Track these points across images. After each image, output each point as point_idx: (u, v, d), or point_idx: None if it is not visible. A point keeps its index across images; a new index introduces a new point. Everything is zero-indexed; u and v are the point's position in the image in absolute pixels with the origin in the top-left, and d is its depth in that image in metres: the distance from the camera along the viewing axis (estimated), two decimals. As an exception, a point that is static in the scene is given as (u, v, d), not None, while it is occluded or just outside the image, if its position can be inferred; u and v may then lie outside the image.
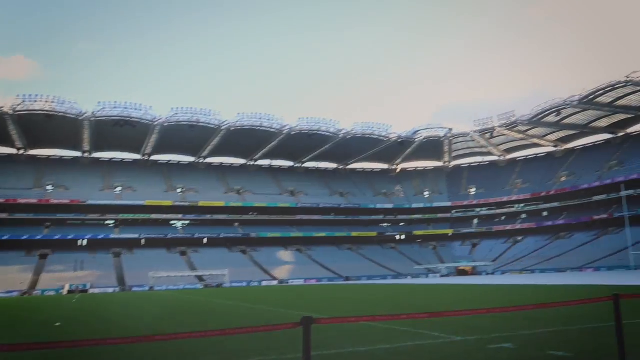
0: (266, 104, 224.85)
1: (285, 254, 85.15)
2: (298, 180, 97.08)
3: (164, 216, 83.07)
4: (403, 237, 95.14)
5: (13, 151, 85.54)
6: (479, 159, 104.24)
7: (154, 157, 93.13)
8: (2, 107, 71.03)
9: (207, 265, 72.73)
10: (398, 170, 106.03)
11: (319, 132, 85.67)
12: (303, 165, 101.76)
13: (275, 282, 72.69)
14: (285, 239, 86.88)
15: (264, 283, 71.84)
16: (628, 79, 66.32)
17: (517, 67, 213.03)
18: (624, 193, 68.05)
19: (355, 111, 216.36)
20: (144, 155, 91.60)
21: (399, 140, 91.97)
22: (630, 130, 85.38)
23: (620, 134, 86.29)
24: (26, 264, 69.88)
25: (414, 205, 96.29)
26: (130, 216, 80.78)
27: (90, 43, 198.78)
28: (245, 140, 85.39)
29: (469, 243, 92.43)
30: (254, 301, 28.64)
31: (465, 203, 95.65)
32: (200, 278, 71.19)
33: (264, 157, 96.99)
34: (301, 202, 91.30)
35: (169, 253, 79.49)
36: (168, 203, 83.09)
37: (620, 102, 73.90)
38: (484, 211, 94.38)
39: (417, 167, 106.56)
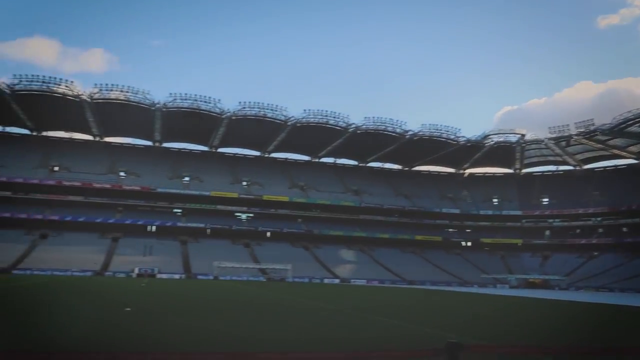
0: (331, 101, 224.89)
1: (347, 253, 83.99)
2: (362, 179, 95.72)
3: (229, 208, 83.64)
4: (469, 244, 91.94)
5: (89, 137, 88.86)
6: (552, 167, 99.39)
7: (221, 150, 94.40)
8: (81, 95, 73.67)
9: (269, 259, 72.62)
10: (466, 175, 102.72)
11: (385, 132, 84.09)
12: (367, 165, 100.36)
13: (337, 281, 71.67)
14: (348, 237, 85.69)
15: (326, 280, 70.94)
16: None
17: (590, 69, 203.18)
18: None
19: (419, 112, 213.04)
20: (211, 147, 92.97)
21: (468, 144, 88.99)
22: None
23: None
24: (99, 246, 72.19)
25: (482, 212, 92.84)
26: (197, 206, 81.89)
27: (164, 40, 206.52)
28: (311, 137, 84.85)
29: (539, 255, 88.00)
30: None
31: (536, 213, 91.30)
32: (263, 271, 71.13)
33: (328, 154, 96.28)
34: (365, 201, 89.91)
35: (233, 244, 79.97)
36: (233, 195, 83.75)
37: None
38: (557, 223, 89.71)
39: (485, 173, 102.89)
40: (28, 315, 14.30)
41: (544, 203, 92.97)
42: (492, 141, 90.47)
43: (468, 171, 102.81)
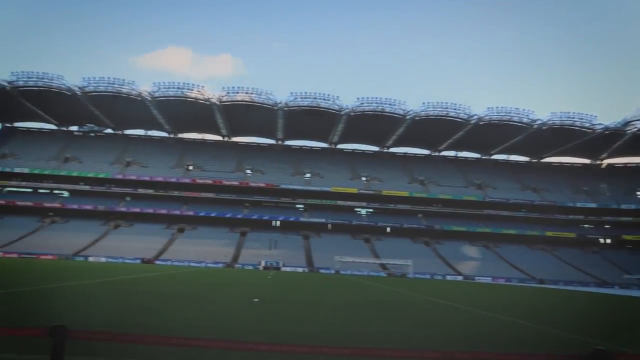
0: (450, 93, 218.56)
1: (470, 249, 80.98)
2: (486, 172, 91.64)
3: (349, 203, 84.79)
4: (609, 241, 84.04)
5: (219, 138, 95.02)
6: None
7: (340, 146, 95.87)
8: (211, 99, 78.96)
9: (389, 254, 72.32)
10: (603, 166, 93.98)
11: (510, 123, 79.70)
12: (491, 158, 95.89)
13: (459, 277, 69.44)
14: (471, 233, 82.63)
15: (448, 277, 69.04)
16: None
17: None
18: None
19: (548, 100, 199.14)
20: (330, 144, 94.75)
21: (606, 132, 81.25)
22: None
23: None
24: (229, 239, 77.09)
25: (624, 206, 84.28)
26: (318, 201, 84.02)
27: (284, 42, 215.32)
28: (430, 130, 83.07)
29: (695, 254, 78.08)
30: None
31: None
32: (383, 266, 71.04)
33: (449, 147, 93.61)
34: (489, 196, 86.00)
35: (353, 239, 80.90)
36: (353, 190, 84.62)
37: None
38: None
39: (627, 163, 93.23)
40: (166, 303, 15.60)
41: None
42: (636, 128, 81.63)
43: (606, 162, 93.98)
